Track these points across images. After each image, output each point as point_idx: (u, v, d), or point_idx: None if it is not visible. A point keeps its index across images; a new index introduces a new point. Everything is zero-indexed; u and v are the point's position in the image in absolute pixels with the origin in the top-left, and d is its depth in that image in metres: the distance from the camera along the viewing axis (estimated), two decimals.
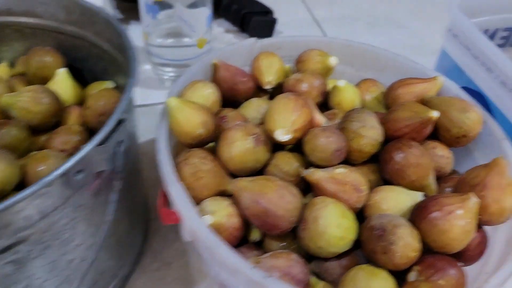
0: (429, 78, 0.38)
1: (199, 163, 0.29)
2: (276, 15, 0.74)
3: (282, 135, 0.30)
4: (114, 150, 0.26)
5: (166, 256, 0.42)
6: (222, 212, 0.28)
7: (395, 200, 0.30)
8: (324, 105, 0.40)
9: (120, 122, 0.26)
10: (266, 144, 0.31)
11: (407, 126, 0.33)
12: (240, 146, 0.30)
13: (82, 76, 0.42)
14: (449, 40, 0.42)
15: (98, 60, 0.39)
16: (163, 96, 0.32)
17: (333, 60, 0.40)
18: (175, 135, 0.32)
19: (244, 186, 0.28)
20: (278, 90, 0.41)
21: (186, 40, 0.58)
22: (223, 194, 0.30)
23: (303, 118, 0.31)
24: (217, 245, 0.24)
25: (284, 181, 0.29)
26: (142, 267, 0.40)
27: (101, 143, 0.25)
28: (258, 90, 0.41)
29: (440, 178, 0.34)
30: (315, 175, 0.30)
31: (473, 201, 0.27)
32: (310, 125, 0.32)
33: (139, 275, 0.40)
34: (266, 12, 0.72)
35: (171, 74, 0.60)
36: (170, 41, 0.58)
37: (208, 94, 0.34)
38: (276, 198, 0.27)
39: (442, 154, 0.34)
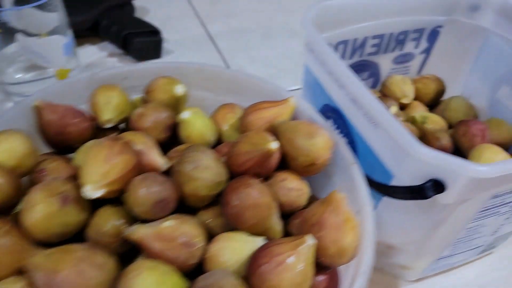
0: (281, 100, 0.35)
1: None
2: (168, 33, 0.70)
3: (92, 191, 0.26)
4: None
5: None
6: None
7: (234, 250, 0.27)
8: (175, 139, 0.36)
9: None
10: (78, 202, 0.27)
11: (248, 160, 0.29)
12: (42, 209, 0.25)
13: None
14: (307, 55, 0.40)
15: None
16: None
17: (179, 89, 0.36)
18: None
19: (38, 263, 0.23)
20: (128, 128, 0.37)
21: (51, 70, 0.52)
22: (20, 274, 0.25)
23: (120, 167, 0.27)
24: None
25: (89, 250, 0.24)
26: None
27: None
28: (103, 130, 0.36)
29: (294, 212, 0.31)
30: (138, 233, 0.26)
31: (307, 245, 0.24)
32: (138, 172, 0.28)
33: None
34: (153, 31, 0.68)
35: None
36: (30, 75, 0.52)
37: (13, 147, 0.29)
38: (74, 275, 0.23)
39: (292, 187, 0.31)
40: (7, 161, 0.28)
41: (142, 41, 0.65)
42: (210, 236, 0.28)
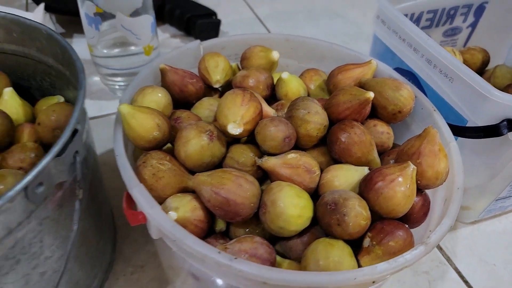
0: (364, 62, 0.41)
1: (158, 164, 0.31)
2: (220, 16, 0.76)
3: (234, 129, 0.32)
4: (72, 161, 0.27)
5: (138, 260, 0.42)
6: (186, 207, 0.29)
7: (345, 177, 0.33)
8: (273, 97, 0.42)
9: (74, 133, 0.27)
10: (220, 139, 0.33)
11: (348, 108, 0.35)
12: (195, 143, 0.32)
13: (30, 94, 0.42)
14: (378, 26, 0.46)
15: (45, 76, 0.39)
16: (116, 105, 0.33)
17: (275, 54, 0.42)
18: (130, 141, 0.33)
19: (203, 181, 0.30)
20: (227, 88, 0.43)
21: (133, 48, 0.58)
22: (185, 191, 0.32)
23: (252, 111, 0.33)
24: (184, 236, 0.25)
25: (240, 171, 0.31)
26: (116, 274, 0.41)
27: (59, 154, 0.25)
28: (209, 90, 0.42)
29: (384, 152, 0.37)
30: (269, 162, 0.32)
31: (411, 168, 0.30)
32: (260, 117, 0.34)
33: (115, 281, 0.40)
34: (210, 14, 0.74)
35: (121, 83, 0.60)
36: (116, 50, 0.58)
37: (159, 98, 0.35)
38: (235, 187, 0.29)
39: (382, 131, 0.37)
40: (156, 108, 0.34)
41: (204, 23, 0.71)
42: None
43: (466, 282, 0.44)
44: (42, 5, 0.64)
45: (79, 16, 0.55)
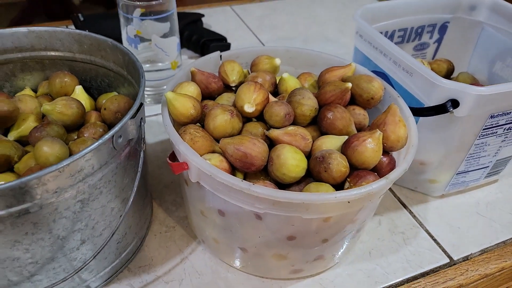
0: (346, 65, 0.53)
1: (194, 132, 0.42)
2: (229, 41, 0.90)
3: (249, 108, 0.44)
4: (138, 124, 0.39)
5: (170, 222, 0.53)
6: (216, 159, 0.41)
7: (330, 143, 0.45)
8: (276, 93, 0.54)
9: (141, 105, 0.39)
10: (238, 116, 0.45)
11: (332, 95, 0.48)
12: (221, 118, 0.44)
13: (89, 92, 0.54)
14: (357, 39, 0.59)
15: (104, 78, 0.52)
16: (146, 110, 0.45)
17: (277, 61, 0.55)
18: (173, 117, 0.45)
19: (228, 142, 0.42)
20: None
21: (160, 64, 0.71)
22: (213, 153, 0.43)
23: (261, 96, 0.45)
24: (218, 172, 0.37)
25: (253, 137, 0.42)
26: (153, 232, 0.52)
27: (132, 117, 0.37)
28: (226, 88, 0.55)
29: (361, 129, 0.49)
30: (274, 132, 0.44)
31: (378, 133, 0.42)
32: (267, 101, 0.47)
33: (153, 237, 0.51)
34: (221, 39, 0.88)
35: (150, 92, 0.73)
36: (147, 66, 0.72)
37: (192, 89, 0.48)
38: (251, 145, 0.41)
39: (359, 113, 0.49)
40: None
41: (217, 46, 0.85)
42: None
43: (434, 240, 0.54)
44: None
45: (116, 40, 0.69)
